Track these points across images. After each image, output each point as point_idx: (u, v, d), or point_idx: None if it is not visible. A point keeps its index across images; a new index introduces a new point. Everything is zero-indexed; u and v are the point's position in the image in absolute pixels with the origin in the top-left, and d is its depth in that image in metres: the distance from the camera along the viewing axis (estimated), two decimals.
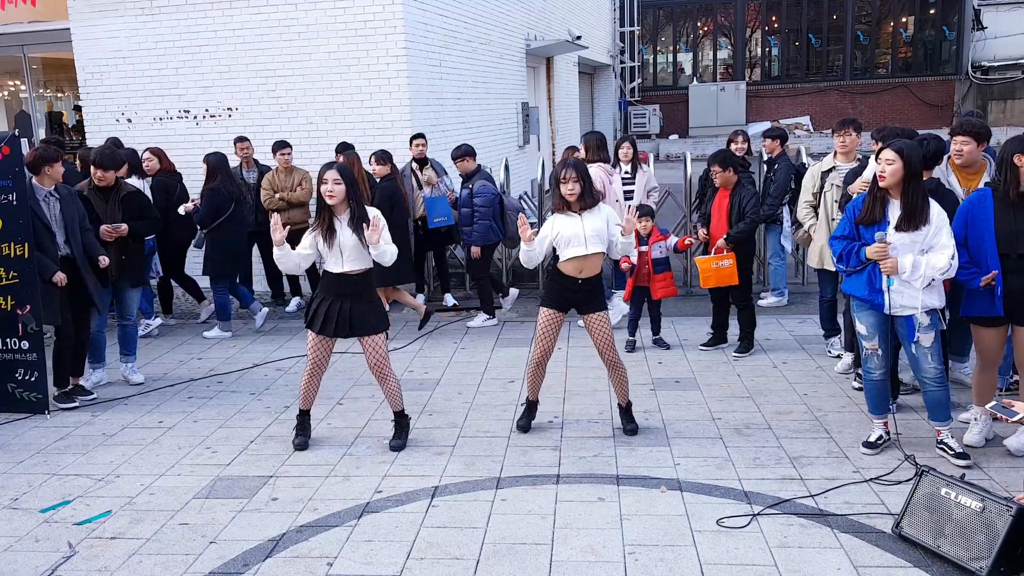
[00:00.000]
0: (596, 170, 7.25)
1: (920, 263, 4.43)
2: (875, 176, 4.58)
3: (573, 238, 5.03)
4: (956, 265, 4.47)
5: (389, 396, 5.21)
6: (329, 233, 4.94)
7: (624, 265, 6.82)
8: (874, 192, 4.58)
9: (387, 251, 5.00)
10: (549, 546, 3.94)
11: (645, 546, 3.91)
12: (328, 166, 5.01)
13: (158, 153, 8.17)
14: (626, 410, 5.32)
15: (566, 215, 5.08)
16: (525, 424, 5.37)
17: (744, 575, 3.66)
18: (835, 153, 6.36)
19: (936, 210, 4.51)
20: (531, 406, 5.43)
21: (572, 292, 5.11)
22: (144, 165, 8.04)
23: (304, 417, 5.30)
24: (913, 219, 4.44)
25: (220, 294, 7.97)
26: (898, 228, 4.48)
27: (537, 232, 5.16)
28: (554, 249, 5.19)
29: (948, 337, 5.82)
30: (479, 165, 8.10)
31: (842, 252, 4.71)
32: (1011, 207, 4.50)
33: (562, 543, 3.96)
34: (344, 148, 8.26)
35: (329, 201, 4.93)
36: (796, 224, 7.02)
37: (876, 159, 4.60)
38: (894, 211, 4.52)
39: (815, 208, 6.49)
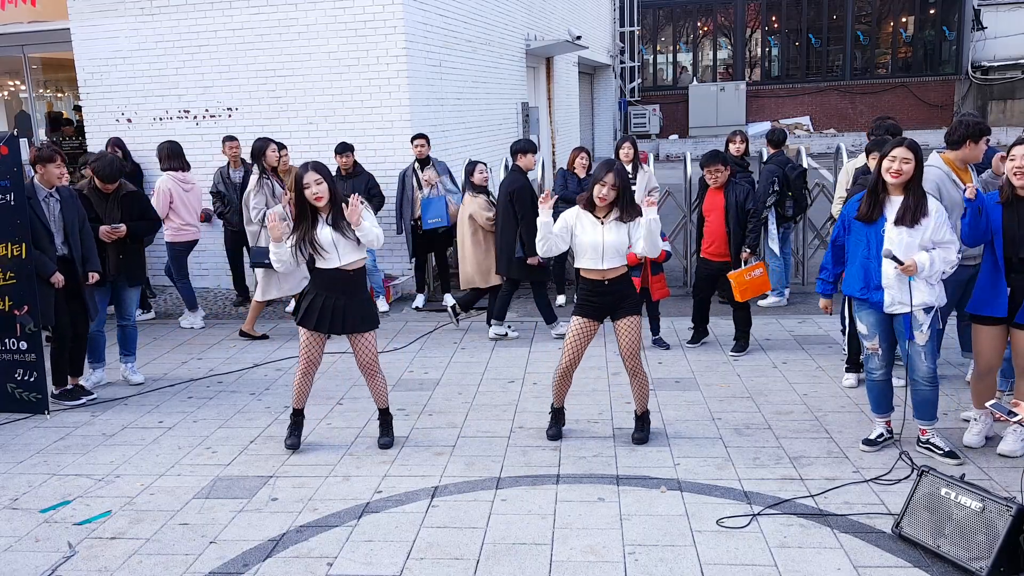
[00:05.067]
0: (166, 180, 7.30)
1: (935, 259, 4.45)
2: (876, 177, 4.56)
3: (591, 248, 4.82)
4: (959, 260, 4.54)
5: (376, 393, 5.16)
6: (313, 235, 4.78)
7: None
8: (874, 191, 4.56)
9: (371, 231, 4.84)
10: (549, 546, 3.94)
11: (645, 546, 3.91)
12: (305, 168, 4.80)
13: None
14: (641, 418, 5.14)
15: (591, 219, 4.84)
16: (556, 432, 5.19)
17: (744, 575, 3.66)
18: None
19: (935, 205, 4.52)
20: (557, 413, 5.26)
21: (601, 295, 4.91)
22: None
23: (298, 416, 5.22)
24: (915, 214, 4.44)
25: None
26: (897, 223, 4.47)
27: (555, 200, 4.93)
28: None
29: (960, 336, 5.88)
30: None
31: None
32: (1015, 210, 4.49)
33: (562, 543, 3.96)
34: (344, 148, 8.27)
35: (318, 204, 4.77)
36: (786, 223, 7.53)
37: (883, 157, 4.51)
38: (890, 208, 4.53)
39: None
